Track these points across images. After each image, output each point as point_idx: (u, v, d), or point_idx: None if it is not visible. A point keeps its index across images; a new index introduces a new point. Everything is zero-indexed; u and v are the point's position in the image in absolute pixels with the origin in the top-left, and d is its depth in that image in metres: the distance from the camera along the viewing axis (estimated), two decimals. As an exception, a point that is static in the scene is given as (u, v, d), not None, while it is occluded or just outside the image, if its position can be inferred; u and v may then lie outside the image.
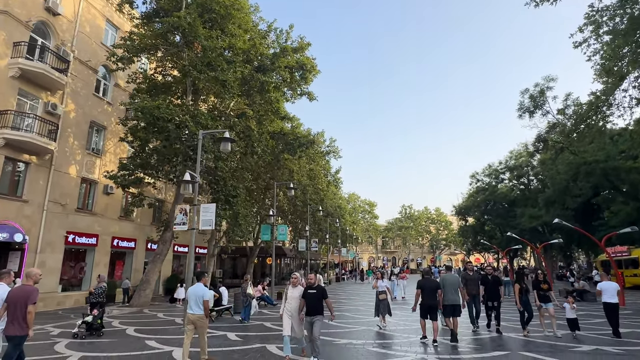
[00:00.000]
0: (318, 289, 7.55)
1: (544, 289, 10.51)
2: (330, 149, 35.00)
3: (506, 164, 42.05)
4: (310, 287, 7.59)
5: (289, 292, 7.79)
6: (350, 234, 55.36)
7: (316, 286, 7.58)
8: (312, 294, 7.48)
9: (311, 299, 7.44)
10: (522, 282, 11.00)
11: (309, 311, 7.40)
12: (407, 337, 10.09)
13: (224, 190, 16.98)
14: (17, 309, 5.38)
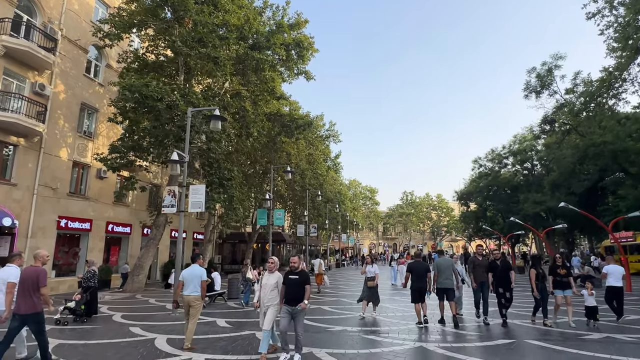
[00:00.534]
0: (301, 274, 6.45)
1: (562, 275, 9.45)
2: (329, 133, 34.29)
3: (510, 148, 41.18)
4: (291, 272, 6.47)
5: (263, 279, 6.71)
6: (351, 220, 54.99)
7: (299, 271, 6.47)
8: (293, 280, 6.36)
9: (292, 286, 6.34)
10: (538, 267, 9.63)
11: (289, 299, 6.29)
12: (405, 324, 9.60)
13: (218, 173, 16.39)
14: (26, 289, 5.70)
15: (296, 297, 6.25)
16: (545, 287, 9.46)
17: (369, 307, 10.98)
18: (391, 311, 11.63)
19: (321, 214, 36.23)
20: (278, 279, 6.63)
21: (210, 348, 7.11)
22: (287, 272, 6.53)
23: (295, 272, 6.47)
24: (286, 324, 6.29)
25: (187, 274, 7.23)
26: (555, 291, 9.46)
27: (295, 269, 6.51)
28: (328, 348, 7.05)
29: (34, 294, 5.72)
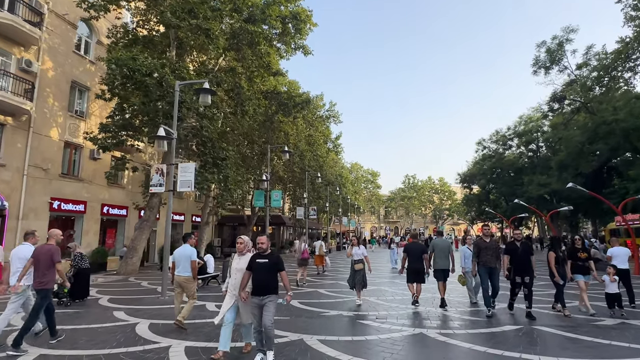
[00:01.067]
0: (271, 257, 5.26)
1: (582, 259, 8.48)
2: (330, 114, 33.41)
3: (515, 129, 40.22)
4: (259, 255, 5.25)
5: (233, 263, 5.58)
6: (352, 203, 54.55)
7: (268, 254, 5.30)
8: (261, 264, 5.15)
9: (260, 272, 5.12)
10: (558, 249, 8.58)
11: (256, 289, 5.12)
12: (404, 308, 9.09)
13: (212, 153, 15.76)
14: (41, 265, 5.99)
15: (266, 286, 5.09)
16: (565, 272, 8.38)
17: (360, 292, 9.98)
18: (390, 295, 11.13)
19: (321, 197, 35.68)
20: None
21: (194, 334, 6.61)
22: (254, 255, 5.31)
23: (263, 254, 5.26)
24: (257, 317, 5.11)
25: (178, 254, 7.10)
26: (575, 276, 8.43)
27: (263, 251, 5.28)
28: (320, 334, 6.53)
29: (48, 271, 6.03)
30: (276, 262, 5.24)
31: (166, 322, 7.55)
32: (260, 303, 5.09)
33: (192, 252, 7.09)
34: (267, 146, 19.00)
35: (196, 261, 7.16)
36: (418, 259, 9.27)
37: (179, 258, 7.09)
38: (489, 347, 5.73)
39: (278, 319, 7.73)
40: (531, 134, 37.88)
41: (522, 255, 8.06)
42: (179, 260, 7.07)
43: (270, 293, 5.12)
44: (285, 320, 7.72)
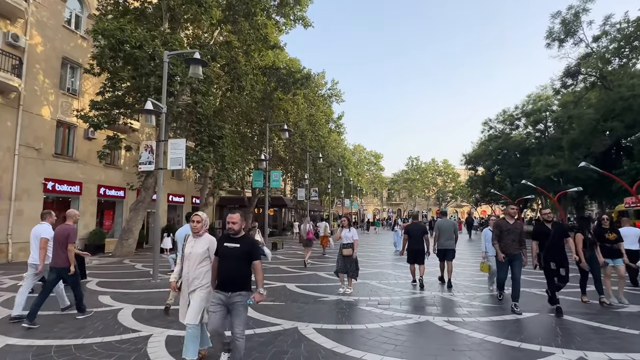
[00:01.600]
0: (244, 242, 3.98)
1: (611, 240, 7.60)
2: (331, 92, 32.43)
3: (523, 109, 39.00)
4: (229, 238, 4.03)
5: (187, 246, 4.34)
6: (355, 185, 53.94)
7: (240, 237, 4.02)
8: (230, 250, 3.92)
9: (227, 260, 3.91)
10: (586, 230, 7.49)
11: (223, 281, 3.91)
12: (409, 292, 8.51)
13: (208, 131, 15.07)
14: (58, 245, 6.27)
15: (234, 278, 3.87)
16: (595, 256, 7.37)
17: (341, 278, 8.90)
18: (393, 278, 10.57)
19: (323, 178, 35.05)
20: (210, 244, 4.21)
21: (178, 322, 6.08)
22: (221, 238, 4.12)
23: (234, 237, 4.00)
24: (218, 321, 3.85)
25: (179, 234, 6.99)
26: (609, 260, 7.52)
27: (234, 232, 4.00)
28: (317, 322, 5.98)
29: (64, 250, 6.28)
30: (250, 249, 3.94)
31: (152, 307, 7.04)
32: (228, 302, 3.86)
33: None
34: (266, 125, 18.24)
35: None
36: (419, 240, 9.32)
37: (180, 238, 6.70)
38: (503, 338, 5.14)
39: (271, 305, 7.22)
40: (540, 113, 36.70)
41: (555, 239, 6.70)
42: (181, 240, 6.64)
43: (241, 289, 3.87)
44: (280, 306, 7.18)
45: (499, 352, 4.69)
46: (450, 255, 9.39)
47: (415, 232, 9.40)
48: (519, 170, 37.31)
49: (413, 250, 9.32)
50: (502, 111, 41.81)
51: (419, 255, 9.28)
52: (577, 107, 30.52)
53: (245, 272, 3.96)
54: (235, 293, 3.87)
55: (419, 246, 9.29)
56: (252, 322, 6.03)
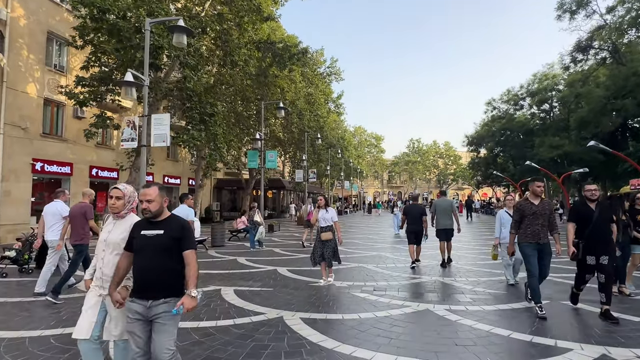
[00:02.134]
0: (169, 226, 2.82)
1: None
2: (330, 71, 31.42)
3: (528, 87, 37.93)
4: (147, 223, 2.86)
5: (104, 230, 3.15)
6: (355, 167, 53.30)
7: (165, 219, 2.88)
8: (149, 239, 2.77)
9: (145, 254, 2.76)
10: (619, 212, 6.29)
11: (143, 284, 2.74)
12: (407, 278, 7.93)
13: (199, 108, 14.35)
14: (77, 223, 6.39)
15: (156, 279, 2.70)
16: (628, 240, 6.41)
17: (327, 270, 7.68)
18: (391, 262, 10.02)
19: (322, 160, 34.36)
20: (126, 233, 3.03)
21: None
22: (137, 224, 2.94)
23: (154, 220, 2.84)
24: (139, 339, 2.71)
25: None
26: (633, 247, 6.55)
27: (153, 215, 2.81)
28: (305, 311, 5.42)
29: (82, 228, 6.43)
30: (180, 235, 2.77)
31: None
32: (147, 315, 2.67)
33: (188, 212, 6.77)
34: (261, 103, 17.48)
35: (193, 221, 6.80)
36: (417, 221, 9.23)
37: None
38: (512, 330, 4.56)
39: (258, 291, 6.67)
40: (546, 92, 35.68)
41: (600, 222, 5.25)
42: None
43: (167, 294, 2.69)
44: (266, 292, 6.63)
45: (509, 348, 4.11)
46: (450, 235, 9.33)
47: (413, 213, 9.35)
48: (522, 151, 36.62)
49: (412, 231, 9.24)
50: (506, 91, 40.77)
51: (418, 236, 9.23)
52: (585, 86, 29.58)
53: (172, 268, 2.73)
54: (159, 301, 2.64)
55: (417, 227, 9.22)
56: (233, 310, 5.48)
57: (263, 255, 11.44)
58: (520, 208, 5.58)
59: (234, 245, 14.08)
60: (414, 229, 9.21)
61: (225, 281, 7.47)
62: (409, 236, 9.33)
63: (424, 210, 9.54)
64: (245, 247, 13.44)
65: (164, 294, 2.69)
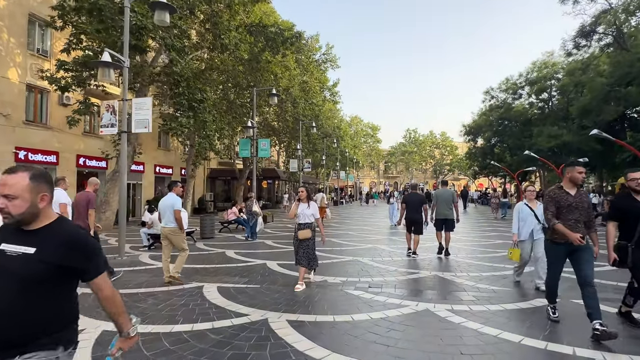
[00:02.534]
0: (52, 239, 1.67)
1: None
2: (326, 58, 30.62)
3: (527, 76, 37.30)
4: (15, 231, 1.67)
5: None
6: (351, 157, 52.75)
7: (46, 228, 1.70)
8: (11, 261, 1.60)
9: None
10: None
11: None
12: (404, 273, 7.42)
13: (187, 94, 13.68)
14: (81, 210, 6.46)
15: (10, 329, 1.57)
16: None
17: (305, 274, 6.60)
18: (388, 254, 9.54)
19: (317, 149, 33.75)
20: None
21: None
22: None
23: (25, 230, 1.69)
24: None
25: (161, 205, 6.74)
26: None
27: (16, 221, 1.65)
28: (293, 312, 4.90)
29: (84, 217, 6.47)
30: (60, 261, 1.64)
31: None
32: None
33: (175, 200, 6.55)
34: (254, 89, 16.80)
35: (180, 211, 6.58)
36: (416, 210, 9.15)
37: (162, 209, 6.66)
38: (523, 336, 4.06)
39: (243, 288, 6.15)
40: (545, 80, 35.08)
41: None
42: (163, 211, 6.63)
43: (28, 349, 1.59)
44: (252, 289, 6.10)
45: (522, 357, 3.63)
46: (450, 225, 9.21)
47: (413, 202, 9.25)
48: (520, 141, 36.19)
49: (411, 220, 9.20)
50: (504, 79, 40.08)
51: (416, 225, 9.15)
52: (585, 75, 29.04)
53: (39, 313, 1.63)
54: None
55: (417, 216, 9.13)
56: (213, 311, 4.95)
57: (254, 247, 10.93)
58: (555, 197, 4.43)
59: (224, 237, 13.56)
60: (413, 218, 9.14)
61: (210, 277, 6.95)
62: (408, 225, 9.28)
63: (423, 199, 9.46)
64: (236, 239, 12.94)
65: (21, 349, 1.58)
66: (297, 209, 6.40)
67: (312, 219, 6.38)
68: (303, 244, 6.30)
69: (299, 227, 6.35)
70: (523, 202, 6.37)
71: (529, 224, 6.15)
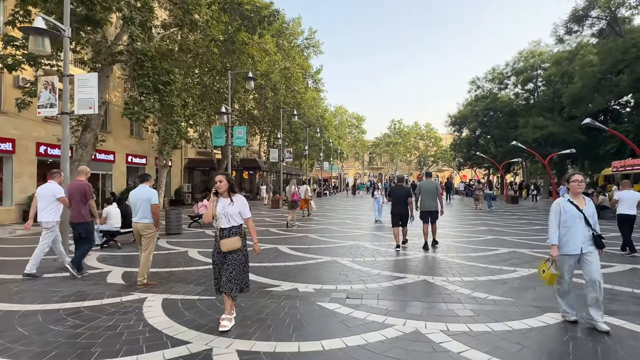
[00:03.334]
0: None
1: None
2: (309, 43, 29.30)
3: (513, 65, 36.75)
4: None
5: None
6: (335, 148, 51.72)
7: None
8: None
9: None
10: None
11: None
12: (389, 277, 6.44)
13: (152, 75, 12.34)
14: (75, 201, 6.50)
15: None
16: None
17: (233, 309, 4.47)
18: (370, 254, 8.51)
19: (300, 139, 32.56)
20: None
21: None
22: None
23: None
24: None
25: (132, 197, 6.07)
26: None
27: None
28: (247, 336, 3.84)
29: (82, 206, 6.52)
30: None
31: (19, 307, 4.80)
32: None
33: (151, 194, 6.01)
34: (229, 72, 15.47)
35: (157, 205, 6.06)
36: (402, 203, 8.96)
37: (134, 202, 6.01)
38: None
39: (194, 301, 5.04)
40: (532, 70, 34.58)
41: None
42: (135, 205, 6.00)
43: None
44: (205, 303, 4.98)
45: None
46: (435, 217, 9.10)
47: (399, 195, 9.02)
48: (505, 132, 35.80)
49: (396, 213, 8.95)
50: (491, 69, 39.47)
51: (403, 219, 8.97)
52: (571, 64, 28.58)
53: None
54: None
55: (403, 209, 8.94)
56: (143, 338, 3.82)
57: None
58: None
59: (192, 232, 12.38)
60: (399, 211, 8.91)
61: (159, 285, 5.83)
62: (394, 219, 8.99)
63: (409, 192, 9.13)
64: (205, 235, 11.77)
65: None
66: (217, 207, 4.34)
67: (239, 221, 4.37)
68: (230, 259, 4.26)
69: (221, 234, 4.30)
70: (566, 198, 4.45)
71: (575, 231, 4.25)
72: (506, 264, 7.37)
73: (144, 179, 6.30)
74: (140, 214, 5.96)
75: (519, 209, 23.15)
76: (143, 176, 6.38)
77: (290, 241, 10.39)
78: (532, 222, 15.57)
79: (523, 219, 16.92)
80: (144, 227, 5.93)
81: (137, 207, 5.96)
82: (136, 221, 5.97)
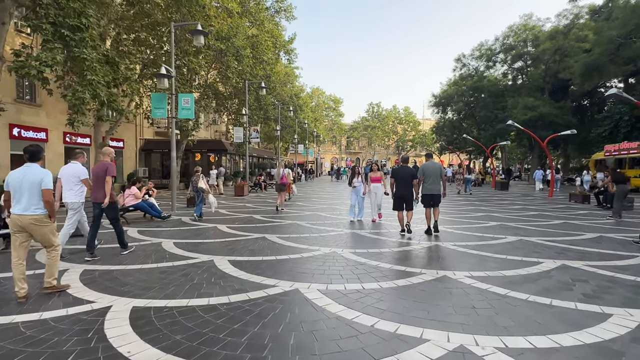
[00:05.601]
0: None
1: None
2: (279, 7, 25.83)
3: (503, 41, 34.24)
4: None
5: None
6: (312, 131, 48.61)
7: None
8: None
9: None
10: None
11: None
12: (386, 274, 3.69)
13: (55, 17, 8.90)
14: (98, 181, 6.35)
15: None
16: None
17: None
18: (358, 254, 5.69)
19: (270, 117, 29.28)
20: None
21: None
22: None
23: None
24: None
25: (13, 181, 4.44)
26: None
27: None
28: None
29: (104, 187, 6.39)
30: None
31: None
32: None
33: (43, 175, 4.46)
34: (171, 24, 11.99)
35: (51, 190, 4.51)
36: (407, 185, 8.57)
37: (17, 187, 4.42)
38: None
39: (161, 317, 2.07)
40: (525, 45, 32.18)
41: None
42: (17, 191, 4.42)
43: None
44: (171, 323, 2.13)
45: None
46: (437, 201, 8.62)
47: (403, 177, 8.58)
48: (492, 113, 33.62)
49: (401, 196, 8.61)
50: (478, 45, 36.81)
51: (408, 201, 8.57)
52: (566, 38, 26.41)
53: None
54: None
55: (408, 191, 8.57)
56: None
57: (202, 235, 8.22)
58: None
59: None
60: (403, 194, 8.55)
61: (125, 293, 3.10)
62: (397, 202, 8.65)
63: (414, 173, 8.65)
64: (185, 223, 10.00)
65: None
66: None
67: None
68: None
69: None
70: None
71: None
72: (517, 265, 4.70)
73: (34, 158, 4.61)
74: (24, 203, 4.41)
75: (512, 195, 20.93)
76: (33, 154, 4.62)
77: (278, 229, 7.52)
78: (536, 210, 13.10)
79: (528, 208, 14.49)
80: (34, 220, 4.41)
81: (21, 194, 4.41)
82: (19, 214, 4.37)
